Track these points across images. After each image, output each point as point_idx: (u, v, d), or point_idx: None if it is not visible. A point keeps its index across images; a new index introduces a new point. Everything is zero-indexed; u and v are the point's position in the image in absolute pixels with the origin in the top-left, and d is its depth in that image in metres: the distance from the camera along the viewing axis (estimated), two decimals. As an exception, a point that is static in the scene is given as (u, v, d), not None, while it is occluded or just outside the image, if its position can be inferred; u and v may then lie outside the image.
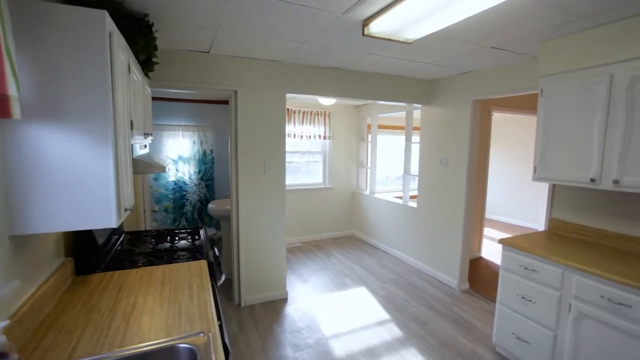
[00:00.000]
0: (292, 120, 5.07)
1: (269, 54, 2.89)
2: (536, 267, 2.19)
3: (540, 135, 2.43)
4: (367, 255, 4.79)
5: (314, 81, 3.34)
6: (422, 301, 3.41)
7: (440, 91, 3.87)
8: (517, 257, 2.32)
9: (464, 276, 3.70)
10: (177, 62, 2.79)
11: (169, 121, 4.49)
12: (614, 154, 2.02)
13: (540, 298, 2.17)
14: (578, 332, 1.97)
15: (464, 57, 2.87)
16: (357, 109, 5.66)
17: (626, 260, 2.04)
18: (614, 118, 2.02)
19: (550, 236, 2.57)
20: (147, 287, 1.53)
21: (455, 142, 3.67)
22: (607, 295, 1.82)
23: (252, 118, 3.13)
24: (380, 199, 5.13)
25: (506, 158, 6.80)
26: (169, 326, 1.21)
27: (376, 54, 2.79)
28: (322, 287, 3.73)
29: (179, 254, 2.03)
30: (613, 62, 2.03)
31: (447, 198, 3.80)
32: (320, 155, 5.59)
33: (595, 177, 2.11)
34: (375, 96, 3.69)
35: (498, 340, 2.50)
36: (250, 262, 3.28)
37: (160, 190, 4.49)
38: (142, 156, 2.20)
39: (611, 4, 1.77)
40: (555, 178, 2.35)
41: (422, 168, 4.19)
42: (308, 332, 2.84)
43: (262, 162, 3.21)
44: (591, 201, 2.46)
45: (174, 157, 4.53)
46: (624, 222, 2.27)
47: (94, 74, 1.13)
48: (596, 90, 2.10)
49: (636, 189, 1.93)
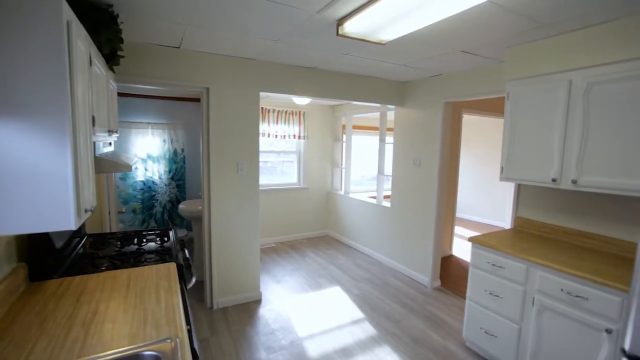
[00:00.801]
0: (266, 119, 5.00)
1: (242, 51, 2.83)
2: (503, 263, 2.28)
3: (507, 137, 2.53)
4: (342, 255, 4.82)
5: (289, 80, 3.32)
6: (395, 299, 3.46)
7: (413, 93, 3.95)
8: (486, 254, 2.40)
9: (436, 274, 3.80)
10: (146, 57, 2.68)
11: (137, 118, 4.31)
12: (573, 155, 2.13)
13: (507, 293, 2.26)
14: (540, 324, 2.06)
15: (436, 60, 2.94)
16: (332, 109, 5.67)
17: (584, 255, 2.16)
18: (573, 122, 2.14)
19: (516, 234, 2.68)
20: (110, 292, 1.45)
21: (428, 143, 3.76)
22: (566, 288, 1.92)
23: (225, 116, 3.06)
24: (354, 199, 5.17)
25: (475, 159, 7.06)
26: (133, 333, 1.15)
27: (351, 54, 2.80)
28: (296, 287, 3.71)
29: (146, 256, 1.94)
30: (572, 69, 2.14)
31: (419, 198, 3.89)
32: (295, 155, 5.56)
33: (556, 177, 2.22)
34: (350, 96, 3.72)
35: (468, 335, 2.58)
36: (222, 264, 3.20)
37: (127, 191, 4.30)
38: (107, 154, 2.09)
39: (571, 14, 1.87)
40: (520, 178, 2.45)
41: (396, 168, 4.26)
42: (282, 334, 2.81)
43: (235, 162, 3.15)
44: (553, 200, 2.59)
45: (142, 156, 4.35)
46: (583, 220, 2.41)
47: (49, 65, 1.05)
48: (557, 95, 2.22)
49: (592, 188, 2.04)
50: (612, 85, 1.95)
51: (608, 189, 1.97)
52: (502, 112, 4.96)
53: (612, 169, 1.95)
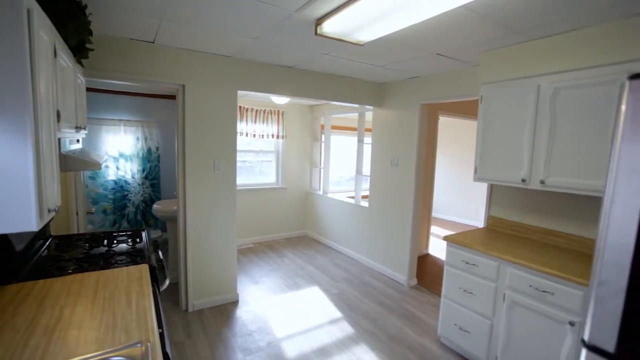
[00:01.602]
0: (244, 118, 4.94)
1: (219, 49, 2.78)
2: (476, 261, 2.35)
3: (480, 138, 2.61)
4: (320, 255, 4.82)
5: (267, 79, 3.28)
6: (373, 298, 3.50)
7: (391, 94, 4.00)
8: (460, 252, 2.47)
9: (412, 273, 3.87)
10: (118, 51, 2.57)
11: (109, 115, 4.14)
12: (541, 157, 2.23)
13: (480, 290, 2.33)
14: (510, 319, 2.14)
15: (413, 62, 3.00)
16: (311, 108, 5.67)
17: (551, 252, 2.26)
18: (541, 125, 2.23)
19: (489, 232, 2.77)
20: (77, 296, 1.38)
21: (405, 144, 3.82)
22: (534, 284, 2.00)
23: (201, 114, 2.99)
24: (333, 199, 5.19)
25: (451, 160, 7.26)
26: (100, 339, 1.09)
27: (330, 54, 2.81)
28: (274, 288, 3.67)
29: (116, 258, 1.87)
30: (540, 74, 2.24)
31: (396, 198, 3.95)
32: (274, 155, 5.52)
33: (526, 177, 2.31)
34: (329, 96, 3.72)
35: (443, 331, 2.64)
36: (198, 265, 3.13)
37: (97, 190, 4.12)
38: (74, 152, 1.99)
39: (539, 22, 1.95)
40: (492, 178, 2.53)
41: (374, 168, 4.31)
42: (259, 335, 2.78)
43: (211, 161, 3.08)
44: (523, 200, 2.70)
45: (114, 154, 4.19)
46: (550, 219, 2.52)
47: (8, 56, 0.98)
48: (526, 99, 2.31)
49: (558, 188, 2.14)
50: (576, 91, 2.05)
51: (572, 189, 2.07)
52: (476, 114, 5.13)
53: (576, 170, 2.05)
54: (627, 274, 0.83)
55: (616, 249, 0.84)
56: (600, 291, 0.87)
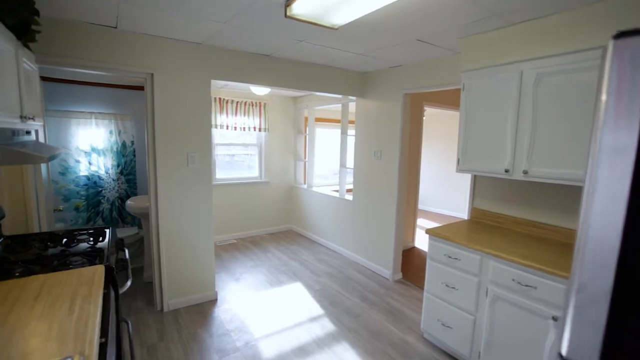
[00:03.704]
0: (224, 110, 4.77)
1: (188, 35, 2.62)
2: (458, 255, 2.27)
3: (462, 128, 2.52)
4: (304, 250, 4.72)
5: (243, 68, 3.13)
6: (356, 293, 3.41)
7: (373, 84, 3.89)
8: (442, 246, 2.39)
9: (397, 267, 3.79)
10: (77, 36, 2.39)
11: (78, 107, 3.92)
12: (524, 146, 2.15)
13: (462, 285, 2.25)
14: (493, 314, 2.07)
15: (393, 50, 2.88)
16: (293, 100, 5.52)
17: (534, 244, 2.19)
18: (523, 113, 2.15)
19: (472, 225, 2.70)
20: (13, 303, 1.24)
21: (388, 136, 3.72)
22: (517, 278, 1.93)
23: (172, 105, 2.83)
24: (317, 193, 5.08)
25: (437, 151, 7.20)
26: (27, 352, 0.96)
27: (305, 40, 2.67)
28: (256, 285, 3.56)
29: (71, 259, 1.72)
30: (522, 60, 2.15)
31: (380, 190, 3.85)
32: (256, 148, 5.37)
33: (509, 168, 2.23)
34: (310, 87, 3.59)
35: (426, 327, 2.57)
36: (173, 263, 2.99)
37: (68, 187, 3.92)
38: (24, 144, 1.82)
39: (522, 4, 1.85)
40: (475, 169, 2.45)
41: (357, 161, 4.20)
42: (237, 335, 2.67)
43: (184, 153, 2.93)
44: (506, 191, 2.63)
45: (85, 148, 3.98)
46: (533, 210, 2.45)
47: None
48: (509, 86, 2.22)
49: (541, 178, 2.07)
50: (560, 77, 1.96)
51: (556, 179, 2.00)
52: (461, 105, 5.07)
53: (559, 159, 1.98)
54: (611, 277, 0.72)
55: (599, 246, 0.72)
56: (580, 298, 0.76)
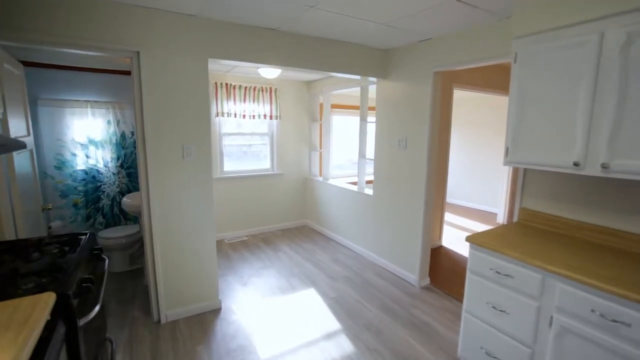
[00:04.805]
0: (231, 96, 4.36)
1: (181, 5, 2.19)
2: (510, 271, 1.80)
3: (514, 110, 2.01)
4: (319, 249, 4.32)
5: (245, 45, 2.69)
6: (377, 303, 2.99)
7: (398, 62, 3.37)
8: (488, 258, 1.91)
9: (424, 271, 3.34)
10: (51, 9, 2.01)
11: (72, 95, 3.60)
12: (603, 131, 1.63)
13: (516, 308, 1.79)
14: (561, 350, 1.60)
15: (424, 16, 2.37)
16: (307, 85, 5.05)
17: (615, 261, 1.69)
18: (604, 88, 1.62)
19: (522, 230, 2.20)
20: None
21: (415, 122, 3.22)
22: (599, 309, 1.45)
23: (163, 90, 2.44)
24: (334, 186, 4.64)
25: (466, 139, 6.58)
26: None
27: (317, 6, 2.20)
28: (264, 291, 3.19)
29: (21, 282, 1.37)
30: (605, 15, 1.61)
31: (406, 184, 3.38)
32: (267, 138, 4.96)
33: (579, 160, 1.72)
34: (324, 67, 3.11)
35: (464, 354, 2.12)
36: (170, 269, 2.65)
37: (66, 182, 3.64)
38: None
39: None
40: (531, 162, 1.95)
41: (378, 151, 3.73)
42: (241, 354, 2.31)
43: (179, 145, 2.55)
44: (570, 189, 2.11)
45: (82, 140, 3.68)
46: (610, 215, 1.93)
47: None
48: (582, 53, 1.69)
49: (630, 174, 1.55)
50: (663, 35, 1.43)
51: (654, 176, 1.48)
52: (497, 86, 4.47)
53: (661, 148, 1.46)
54: None
55: None
56: None
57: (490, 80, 4.23)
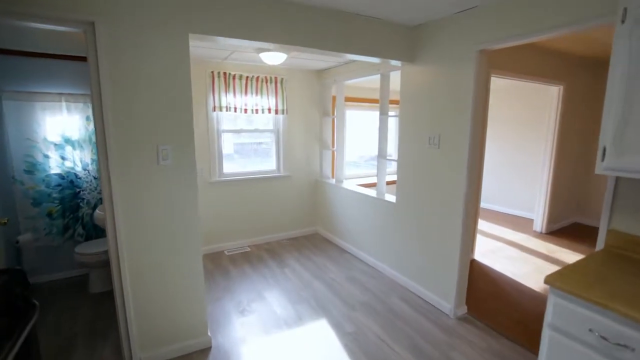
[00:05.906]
0: (231, 88, 3.79)
1: (142, -47, 1.62)
2: (629, 339, 1.17)
3: (617, 97, 1.38)
4: (332, 263, 3.73)
5: (236, 17, 2.10)
6: (405, 341, 2.39)
7: (429, 41, 2.73)
8: (586, 313, 1.29)
9: (461, 297, 2.72)
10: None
11: (42, 87, 3.09)
12: None
13: (637, 398, 1.16)
14: None
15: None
16: (317, 74, 4.44)
17: None
18: None
19: (615, 261, 1.56)
20: None
21: (451, 115, 2.59)
22: None
23: (129, 75, 1.88)
24: (348, 190, 4.03)
25: (500, 137, 5.84)
26: None
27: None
28: (265, 322, 2.63)
29: None
30: None
31: (438, 190, 2.76)
32: (273, 135, 4.38)
33: None
34: (338, 47, 2.51)
35: None
36: (145, 299, 2.10)
37: (38, 188, 3.14)
38: None
39: None
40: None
41: (403, 150, 3.10)
42: (230, 421, 1.74)
43: (153, 146, 1.99)
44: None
45: (56, 140, 3.17)
46: None
47: None
48: None
49: None
50: None
51: None
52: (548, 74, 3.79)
53: None
54: None
55: None
56: None
57: (542, 66, 3.56)
